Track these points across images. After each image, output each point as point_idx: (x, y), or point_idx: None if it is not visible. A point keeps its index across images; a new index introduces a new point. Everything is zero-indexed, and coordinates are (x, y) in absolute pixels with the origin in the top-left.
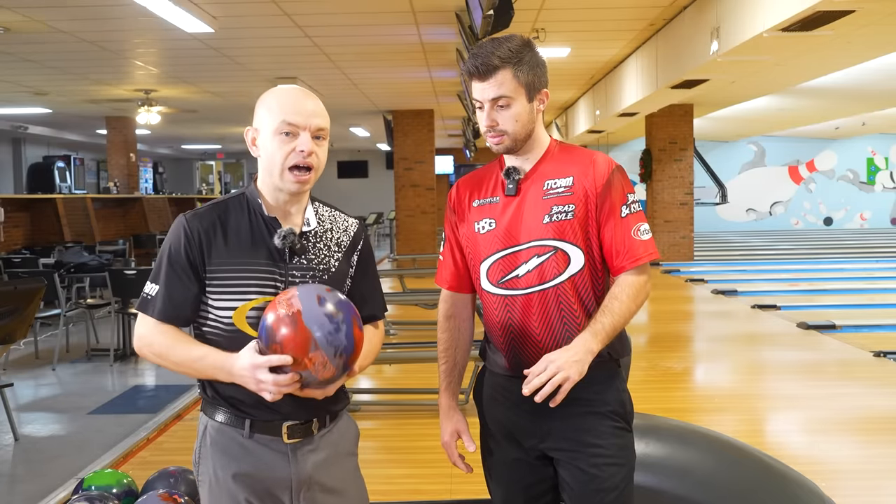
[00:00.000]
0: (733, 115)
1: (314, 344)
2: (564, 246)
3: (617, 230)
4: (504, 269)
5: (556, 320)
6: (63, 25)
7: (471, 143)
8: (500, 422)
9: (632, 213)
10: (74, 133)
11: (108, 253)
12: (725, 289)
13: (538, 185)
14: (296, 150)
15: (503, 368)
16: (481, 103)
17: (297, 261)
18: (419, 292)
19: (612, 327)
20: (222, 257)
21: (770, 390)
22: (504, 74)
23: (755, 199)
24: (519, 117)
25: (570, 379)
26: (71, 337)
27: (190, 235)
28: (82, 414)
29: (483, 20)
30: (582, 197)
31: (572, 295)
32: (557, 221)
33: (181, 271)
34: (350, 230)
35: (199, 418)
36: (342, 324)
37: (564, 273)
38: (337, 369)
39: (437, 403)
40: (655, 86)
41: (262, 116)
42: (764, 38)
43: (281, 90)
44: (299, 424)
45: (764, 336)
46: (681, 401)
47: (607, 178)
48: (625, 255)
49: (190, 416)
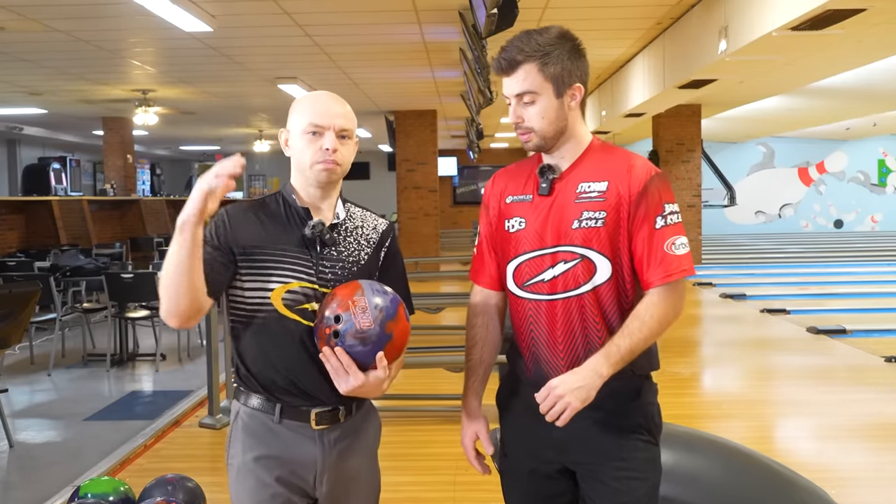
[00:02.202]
0: (742, 115)
1: (361, 291)
2: (591, 254)
3: (649, 242)
4: (530, 271)
5: (578, 331)
6: (59, 24)
7: (474, 145)
8: (520, 430)
9: (668, 225)
10: (70, 134)
11: (105, 256)
12: (734, 293)
13: (572, 187)
14: (321, 148)
15: (524, 373)
16: (509, 99)
17: (328, 251)
18: (423, 296)
19: (628, 350)
20: (256, 240)
21: (779, 396)
22: (527, 69)
23: (764, 201)
24: (545, 113)
25: (571, 406)
26: (67, 342)
27: (226, 219)
28: (78, 420)
29: (487, 19)
30: (614, 204)
31: (595, 306)
32: (586, 228)
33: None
34: (379, 228)
35: (232, 406)
36: (390, 293)
37: (589, 283)
38: (374, 323)
39: (440, 410)
40: (662, 86)
41: (293, 119)
42: (773, 37)
43: (311, 95)
44: (327, 411)
45: (773, 341)
46: (688, 407)
47: (644, 185)
48: (655, 270)
49: (188, 422)
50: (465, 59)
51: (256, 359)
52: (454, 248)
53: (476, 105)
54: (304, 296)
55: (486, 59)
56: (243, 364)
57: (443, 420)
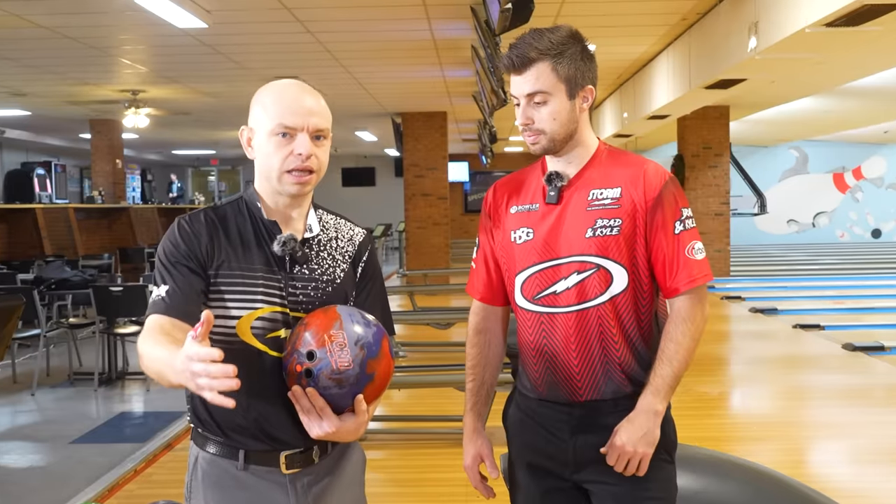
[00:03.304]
0: (773, 117)
1: (338, 323)
2: (607, 264)
3: (669, 248)
4: (541, 284)
5: (595, 344)
6: (42, 20)
7: (487, 149)
8: (532, 449)
9: (686, 230)
10: (55, 137)
11: (93, 268)
12: (764, 307)
13: (582, 195)
14: (293, 154)
15: (535, 392)
16: (517, 99)
17: (299, 270)
18: (431, 311)
19: (673, 377)
20: (224, 261)
21: (813, 417)
22: (541, 68)
23: (797, 209)
24: (557, 115)
25: (645, 456)
26: (52, 359)
27: (190, 234)
28: (64, 443)
29: (500, 14)
30: (630, 211)
31: (613, 317)
32: (601, 237)
33: (185, 264)
34: (356, 239)
35: (190, 449)
36: (373, 325)
37: (605, 293)
38: (353, 363)
39: (449, 432)
40: (688, 86)
41: (258, 115)
42: (806, 33)
43: (277, 86)
44: (299, 453)
45: (806, 358)
46: (716, 429)
47: (659, 190)
48: (679, 276)
49: (181, 445)
50: (478, 57)
51: None
52: (465, 260)
53: (489, 106)
54: (274, 322)
55: (498, 58)
56: (201, 403)
57: (452, 443)
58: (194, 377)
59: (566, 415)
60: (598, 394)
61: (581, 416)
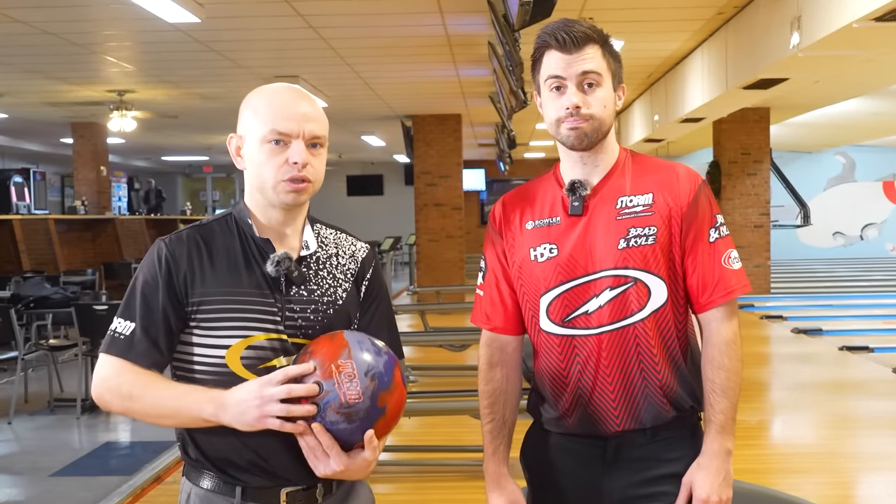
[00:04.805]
0: (817, 120)
1: (346, 351)
2: (644, 276)
3: (706, 258)
4: (570, 304)
5: (634, 366)
6: (19, 14)
7: (505, 154)
8: (563, 490)
9: (721, 238)
10: (34, 142)
11: (75, 284)
12: (808, 327)
13: (609, 203)
14: (288, 162)
15: (564, 426)
16: (563, 81)
17: (296, 292)
18: (444, 331)
19: (733, 408)
20: (208, 286)
21: (861, 448)
22: (594, 49)
23: (843, 220)
24: (607, 102)
25: (728, 499)
26: (30, 385)
27: (170, 261)
28: (44, 476)
29: (520, 8)
30: (665, 217)
31: (654, 336)
32: (637, 247)
33: (161, 304)
34: (358, 255)
35: (182, 484)
36: (384, 352)
37: (645, 308)
38: (363, 396)
39: (465, 464)
40: (725, 86)
41: (248, 121)
42: (854, 28)
43: (268, 90)
44: (300, 491)
45: (854, 383)
46: (755, 460)
47: (694, 195)
48: (715, 288)
49: (171, 478)
50: (495, 54)
51: (209, 433)
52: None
53: (507, 108)
54: (270, 350)
55: (518, 55)
56: (191, 440)
57: (468, 476)
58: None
59: (599, 449)
60: (636, 423)
61: (616, 450)
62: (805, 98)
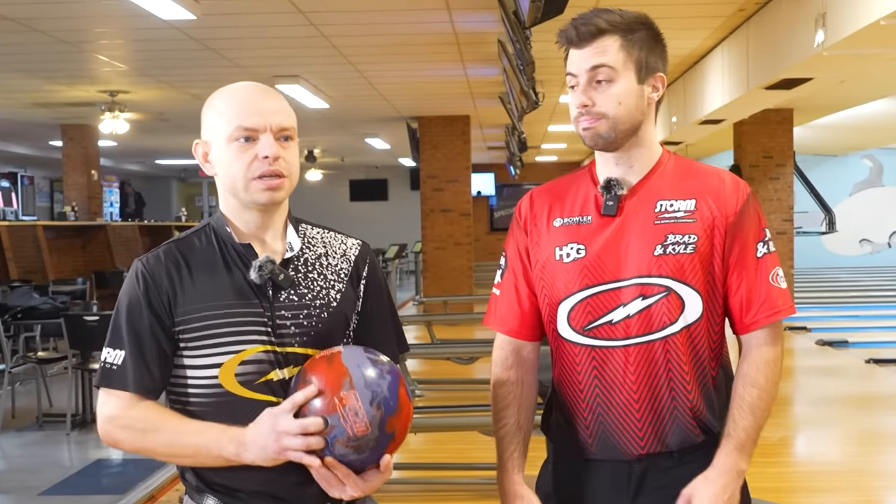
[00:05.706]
0: (843, 122)
1: (348, 379)
2: (679, 287)
3: (752, 274)
4: (594, 311)
5: (663, 383)
6: (6, 10)
7: (516, 158)
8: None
9: (769, 254)
10: (22, 145)
11: (64, 294)
12: (833, 339)
13: (647, 205)
14: (258, 158)
15: (583, 447)
16: (576, 78)
17: (285, 297)
18: (452, 343)
19: (757, 429)
20: (191, 303)
21: (889, 465)
22: (609, 41)
23: (870, 226)
24: (623, 98)
25: None
26: (17, 399)
27: (150, 282)
28: (32, 495)
29: (531, 5)
30: (707, 226)
31: (685, 352)
32: (674, 255)
33: (149, 327)
34: (350, 253)
35: (183, 501)
36: (387, 374)
37: (678, 322)
38: (371, 426)
39: (473, 482)
40: (746, 86)
41: (212, 123)
42: (881, 26)
43: (229, 89)
44: None
45: (882, 398)
46: (778, 478)
47: (742, 205)
48: (761, 307)
49: (165, 497)
50: (505, 53)
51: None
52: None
53: (518, 109)
54: (266, 363)
55: (529, 54)
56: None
57: (477, 494)
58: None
59: (624, 474)
60: (661, 446)
61: (640, 475)
62: (830, 99)
